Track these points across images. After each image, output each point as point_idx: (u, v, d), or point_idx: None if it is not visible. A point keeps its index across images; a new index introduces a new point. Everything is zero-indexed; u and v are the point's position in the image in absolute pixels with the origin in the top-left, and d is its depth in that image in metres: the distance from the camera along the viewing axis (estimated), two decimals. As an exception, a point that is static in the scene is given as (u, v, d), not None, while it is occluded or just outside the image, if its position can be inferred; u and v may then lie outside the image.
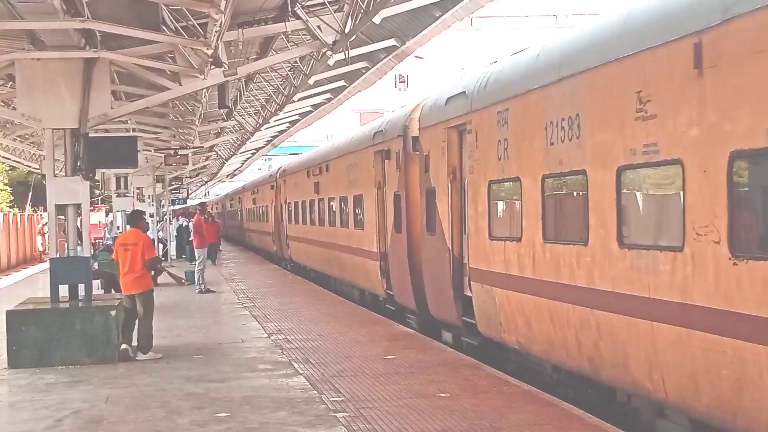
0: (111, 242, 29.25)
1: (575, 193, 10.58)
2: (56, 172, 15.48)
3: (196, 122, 27.21)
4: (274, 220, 39.50)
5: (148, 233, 18.14)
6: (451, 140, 14.78)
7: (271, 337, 16.36)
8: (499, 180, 12.80)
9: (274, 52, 19.11)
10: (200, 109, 24.93)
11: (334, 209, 25.15)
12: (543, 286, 11.16)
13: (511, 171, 12.23)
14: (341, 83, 26.32)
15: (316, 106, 31.57)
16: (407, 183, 17.60)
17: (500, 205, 13.10)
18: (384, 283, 19.43)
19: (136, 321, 14.71)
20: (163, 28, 14.42)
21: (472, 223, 13.90)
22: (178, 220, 48.11)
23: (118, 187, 33.52)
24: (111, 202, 36.15)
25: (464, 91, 14.12)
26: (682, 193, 8.21)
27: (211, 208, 68.69)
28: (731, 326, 7.50)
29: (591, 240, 9.89)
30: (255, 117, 32.57)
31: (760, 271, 7.12)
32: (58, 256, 15.35)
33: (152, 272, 15.49)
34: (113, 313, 14.32)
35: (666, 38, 8.43)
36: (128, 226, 16.09)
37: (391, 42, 20.29)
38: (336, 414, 10.15)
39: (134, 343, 14.76)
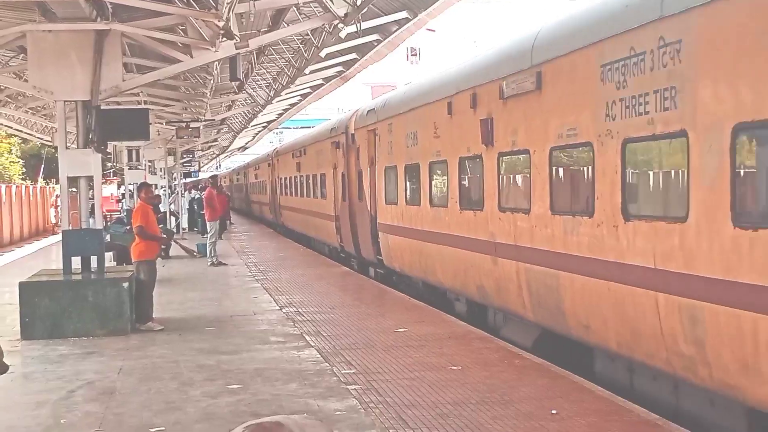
0: (124, 215, 29.37)
1: (417, 176, 17.32)
2: (68, 144, 15.50)
3: (208, 95, 27.17)
4: (270, 192, 46.28)
5: (160, 206, 18.28)
6: (369, 139, 21.33)
7: (283, 310, 16.40)
8: (389, 167, 19.53)
9: (286, 25, 19.03)
10: (211, 81, 24.88)
11: (309, 184, 31.71)
12: (407, 231, 18.23)
13: (393, 161, 19.15)
14: (353, 56, 26.21)
15: (327, 79, 31.45)
16: (348, 166, 23.95)
17: (389, 182, 19.59)
18: (338, 238, 26.05)
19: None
20: (175, -1, 14.38)
21: (378, 193, 20.63)
22: (190, 192, 48.13)
23: (129, 159, 33.57)
24: (123, 174, 36.23)
25: (374, 108, 21.12)
26: (447, 178, 15.52)
27: (220, 182, 69.24)
28: (444, 239, 15.62)
29: (422, 203, 17.08)
30: (266, 90, 32.49)
31: (466, 215, 14.53)
32: (70, 228, 15.39)
33: (148, 241, 15.43)
34: (125, 285, 14.38)
35: (440, 97, 15.71)
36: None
37: (403, 14, 20.18)
38: (347, 386, 10.19)
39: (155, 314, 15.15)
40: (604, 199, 9.76)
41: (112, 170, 48.24)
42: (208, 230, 26.72)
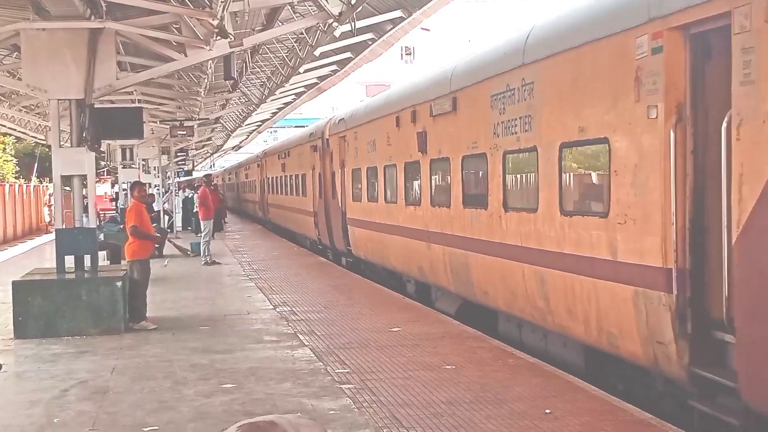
0: (118, 214, 29.33)
1: (376, 177, 20.32)
2: (61, 143, 15.45)
3: (202, 94, 27.14)
4: (259, 191, 49.31)
5: (153, 205, 18.21)
6: (340, 144, 24.52)
7: (277, 309, 16.39)
8: (355, 168, 22.62)
9: (280, 23, 19.02)
10: (205, 80, 24.86)
11: (292, 183, 35.10)
12: (368, 224, 21.24)
13: (358, 164, 22.24)
14: (347, 55, 26.23)
15: (321, 78, 31.48)
16: (324, 167, 27.14)
17: (355, 182, 22.67)
18: (316, 231, 29.45)
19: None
20: (169, -2, 14.35)
21: (347, 192, 23.80)
22: (183, 191, 48.05)
23: (123, 158, 33.55)
24: (116, 173, 36.20)
25: (344, 117, 24.37)
26: (396, 179, 18.44)
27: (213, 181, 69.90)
28: (395, 230, 18.65)
29: (379, 200, 20.03)
30: (260, 89, 32.49)
31: (409, 209, 17.52)
32: (64, 227, 15.35)
33: (142, 240, 15.37)
34: (119, 284, 14.35)
35: (391, 111, 18.62)
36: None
37: (397, 13, 20.18)
38: (341, 385, 10.18)
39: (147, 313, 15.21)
40: (493, 196, 13.06)
41: (105, 169, 48.19)
42: (202, 229, 26.67)
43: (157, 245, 24.75)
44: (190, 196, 43.11)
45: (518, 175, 12.59)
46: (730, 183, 7.63)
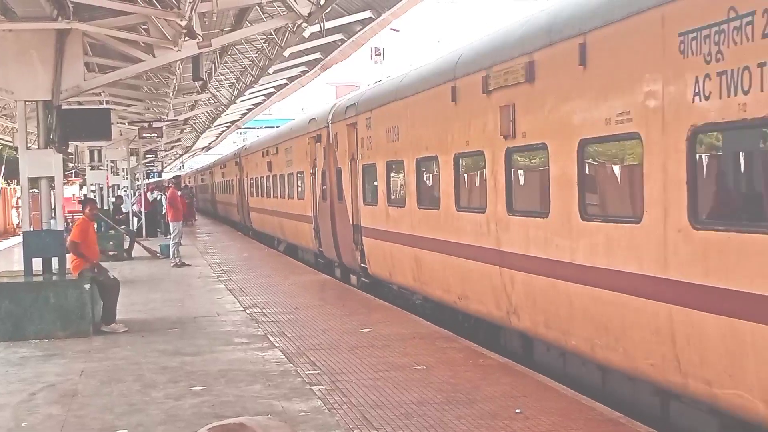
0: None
1: (258, 182, 36.10)
2: (29, 144, 15.33)
3: (170, 95, 27.02)
4: (210, 191, 65.97)
5: (122, 207, 17.99)
6: (246, 162, 39.80)
7: (247, 311, 16.34)
8: (251, 177, 38.14)
9: (249, 24, 18.96)
10: (174, 81, 24.75)
11: (227, 186, 51.19)
12: (258, 210, 36.34)
13: (252, 174, 38.10)
14: (317, 55, 26.20)
15: (291, 79, 31.44)
16: (240, 176, 42.24)
17: (252, 185, 37.94)
18: (239, 216, 43.96)
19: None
20: (137, -2, 14.26)
21: (249, 191, 38.82)
22: (152, 193, 47.75)
23: (92, 160, 33.31)
24: (85, 175, 35.96)
25: (246, 146, 43.68)
26: (271, 184, 32.54)
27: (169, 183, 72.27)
28: (271, 213, 33.55)
29: (260, 196, 35.46)
30: (230, 89, 32.36)
31: (276, 200, 31.41)
32: (31, 229, 15.22)
33: (80, 255, 15.15)
34: (87, 286, 14.24)
35: (259, 149, 36.38)
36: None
37: (366, 14, 20.18)
38: (312, 387, 10.17)
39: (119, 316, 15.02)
40: (293, 191, 27.07)
41: (73, 171, 47.85)
42: (171, 231, 26.54)
43: (125, 249, 24.64)
44: (159, 198, 42.83)
45: (297, 185, 26.35)
46: (317, 190, 22.94)
